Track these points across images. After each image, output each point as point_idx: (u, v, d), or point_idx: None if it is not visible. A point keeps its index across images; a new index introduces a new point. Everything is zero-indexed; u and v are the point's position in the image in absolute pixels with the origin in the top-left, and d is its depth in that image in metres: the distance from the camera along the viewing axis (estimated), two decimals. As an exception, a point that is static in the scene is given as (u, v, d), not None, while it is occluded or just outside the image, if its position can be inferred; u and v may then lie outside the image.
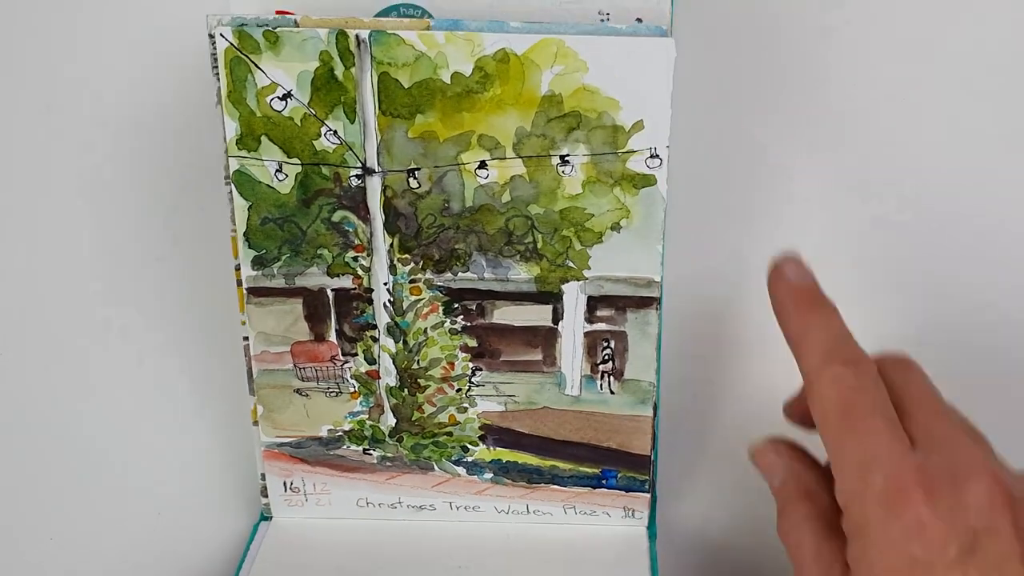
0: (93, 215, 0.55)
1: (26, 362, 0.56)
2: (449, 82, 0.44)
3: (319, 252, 0.48)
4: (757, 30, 0.52)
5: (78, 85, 0.53)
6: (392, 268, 0.48)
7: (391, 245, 0.48)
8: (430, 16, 0.48)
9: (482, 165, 0.46)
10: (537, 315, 0.49)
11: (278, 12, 0.47)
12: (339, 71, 0.44)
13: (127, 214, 0.55)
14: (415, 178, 0.46)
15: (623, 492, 0.52)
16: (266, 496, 0.54)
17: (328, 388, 0.51)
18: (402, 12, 0.48)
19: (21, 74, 0.53)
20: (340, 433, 0.52)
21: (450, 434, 0.52)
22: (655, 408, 0.50)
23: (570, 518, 0.54)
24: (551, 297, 0.48)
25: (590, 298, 0.48)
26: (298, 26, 0.44)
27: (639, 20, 0.48)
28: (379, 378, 0.50)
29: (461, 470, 0.52)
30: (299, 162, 0.46)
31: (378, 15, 0.48)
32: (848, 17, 0.51)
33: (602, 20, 0.48)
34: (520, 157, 0.46)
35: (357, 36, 0.44)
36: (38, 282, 0.56)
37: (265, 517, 0.54)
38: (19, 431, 0.56)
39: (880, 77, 0.52)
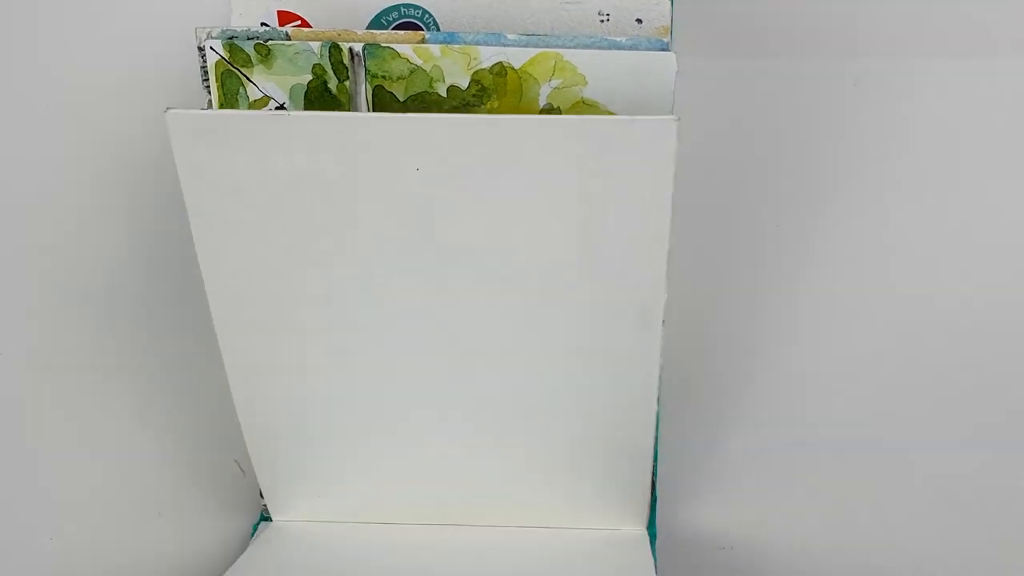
0: (89, 224, 0.54)
1: (26, 363, 0.56)
2: (445, 95, 0.43)
3: (316, 263, 0.47)
4: (759, 30, 0.50)
5: (72, 92, 0.52)
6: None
7: (389, 255, 0.47)
8: (430, 15, 0.47)
9: (480, 177, 0.45)
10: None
11: (280, 12, 0.46)
12: (333, 84, 0.43)
13: (123, 222, 0.54)
14: (411, 190, 0.45)
15: (623, 494, 0.52)
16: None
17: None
18: (403, 12, 0.47)
19: (15, 82, 0.52)
20: (339, 438, 0.51)
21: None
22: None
23: (570, 519, 0.54)
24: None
25: (591, 307, 0.48)
26: (289, 39, 0.43)
27: (639, 21, 0.47)
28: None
29: (461, 473, 0.52)
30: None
31: (379, 14, 0.46)
32: (847, 17, 0.50)
33: (602, 21, 0.47)
34: (518, 170, 0.45)
35: (351, 49, 0.43)
36: (36, 284, 0.55)
37: (265, 517, 0.54)
38: (20, 431, 0.56)
39: (888, 75, 0.51)
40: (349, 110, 0.44)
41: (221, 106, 0.44)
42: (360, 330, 0.45)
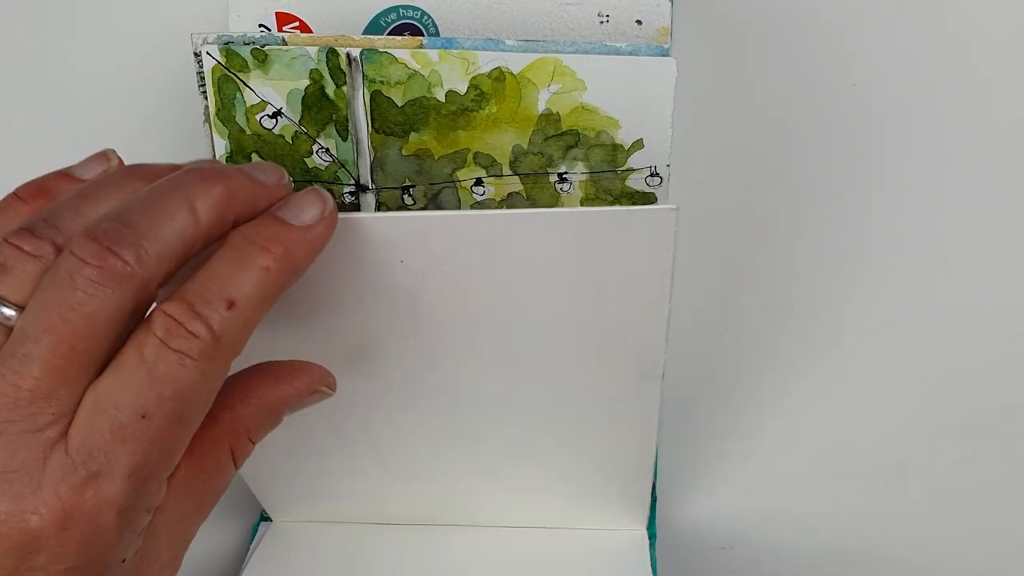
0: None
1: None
2: (443, 100, 0.43)
3: (313, 267, 0.47)
4: (760, 31, 0.50)
5: (70, 95, 0.52)
6: (388, 283, 0.47)
7: (387, 261, 0.47)
8: (429, 16, 0.46)
9: (478, 182, 0.45)
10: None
11: (278, 13, 0.46)
12: (330, 89, 0.43)
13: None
14: (410, 195, 0.45)
15: (623, 495, 0.52)
16: (266, 498, 0.54)
17: (326, 396, 0.50)
18: (402, 13, 0.46)
19: (13, 86, 0.52)
20: (338, 440, 0.51)
21: (448, 441, 0.51)
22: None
23: (570, 519, 0.54)
24: (550, 312, 0.48)
25: (590, 312, 0.47)
26: (286, 44, 0.43)
27: (639, 22, 0.46)
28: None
29: (460, 475, 0.52)
30: (291, 180, 0.45)
31: (378, 15, 0.46)
32: (848, 17, 0.50)
33: (602, 22, 0.47)
34: (517, 174, 0.44)
35: (348, 54, 0.42)
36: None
37: (265, 517, 0.55)
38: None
39: (888, 76, 0.51)
40: (346, 115, 0.43)
41: (218, 111, 0.44)
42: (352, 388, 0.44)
